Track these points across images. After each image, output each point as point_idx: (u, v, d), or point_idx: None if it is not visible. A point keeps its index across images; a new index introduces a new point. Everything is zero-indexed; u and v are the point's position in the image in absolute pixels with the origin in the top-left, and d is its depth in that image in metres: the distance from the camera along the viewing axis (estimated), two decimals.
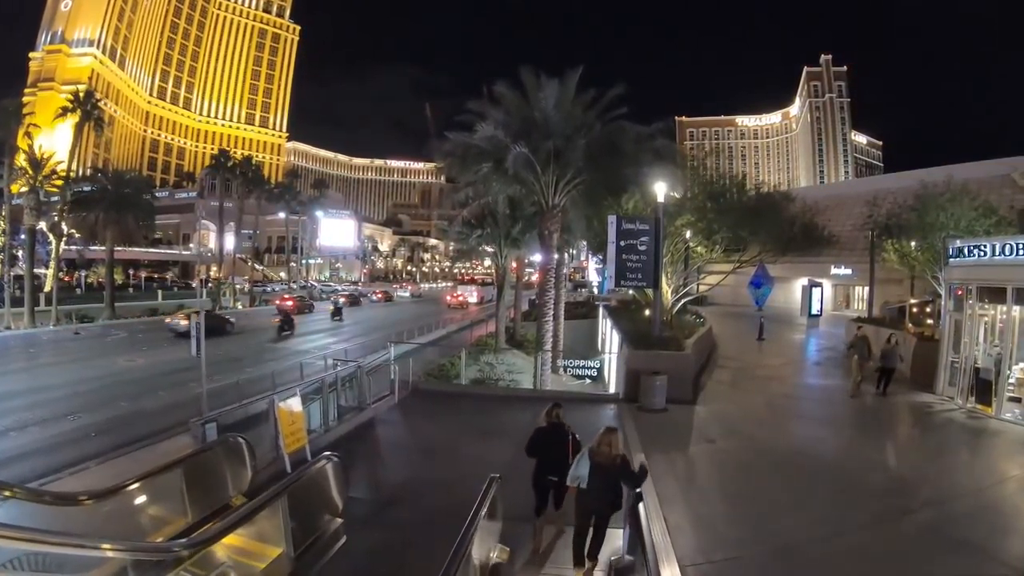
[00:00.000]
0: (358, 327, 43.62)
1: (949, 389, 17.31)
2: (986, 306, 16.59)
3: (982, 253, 16.52)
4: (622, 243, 16.99)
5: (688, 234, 25.30)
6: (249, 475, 8.55)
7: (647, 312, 22.90)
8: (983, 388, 15.74)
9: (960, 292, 17.10)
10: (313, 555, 6.92)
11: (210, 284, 64.22)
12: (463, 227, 29.54)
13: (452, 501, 7.05)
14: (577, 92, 20.21)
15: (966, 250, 17.22)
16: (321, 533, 7.30)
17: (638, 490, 6.88)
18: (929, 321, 23.23)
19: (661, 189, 17.12)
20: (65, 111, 51.45)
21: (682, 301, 28.03)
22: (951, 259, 17.92)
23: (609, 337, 22.67)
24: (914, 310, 26.29)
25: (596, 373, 17.96)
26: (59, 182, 46.21)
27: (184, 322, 36.27)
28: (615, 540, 7.44)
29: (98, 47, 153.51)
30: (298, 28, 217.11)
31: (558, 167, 19.19)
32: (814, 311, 39.75)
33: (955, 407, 16.16)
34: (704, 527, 8.30)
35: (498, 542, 6.88)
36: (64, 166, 47.21)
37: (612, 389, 17.58)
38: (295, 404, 10.56)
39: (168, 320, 39.43)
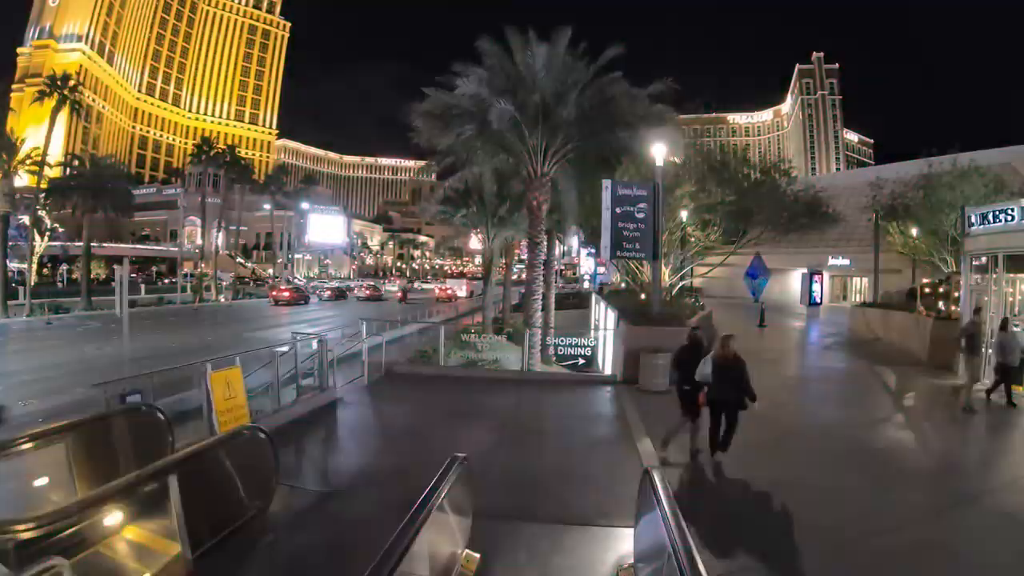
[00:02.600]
0: (341, 318, 42.37)
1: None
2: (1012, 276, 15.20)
3: (1009, 218, 15.06)
4: (617, 210, 15.46)
5: (684, 216, 23.98)
6: (166, 455, 6.90)
7: (643, 296, 21.53)
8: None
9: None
10: (220, 557, 5.29)
11: (192, 279, 63.30)
12: (446, 205, 27.72)
13: (412, 492, 5.38)
14: (568, 54, 18.61)
15: (991, 216, 15.75)
16: (236, 529, 5.70)
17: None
18: (941, 304, 21.89)
19: (660, 152, 15.67)
20: (42, 95, 49.78)
21: (679, 285, 26.74)
22: (972, 228, 16.51)
23: (603, 319, 21.20)
24: (926, 291, 24.92)
25: (590, 352, 16.38)
26: (35, 167, 44.80)
27: (366, 292, 64.03)
28: (622, 543, 5.91)
29: (86, 42, 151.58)
30: (288, 25, 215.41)
31: (547, 129, 17.53)
32: (815, 299, 38.54)
33: (980, 388, 14.73)
34: (733, 523, 6.81)
35: (466, 546, 5.28)
36: (42, 152, 45.60)
37: (608, 371, 16.07)
38: (235, 375, 8.97)
39: (355, 292, 66.87)
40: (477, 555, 5.23)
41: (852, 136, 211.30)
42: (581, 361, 16.11)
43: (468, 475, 5.31)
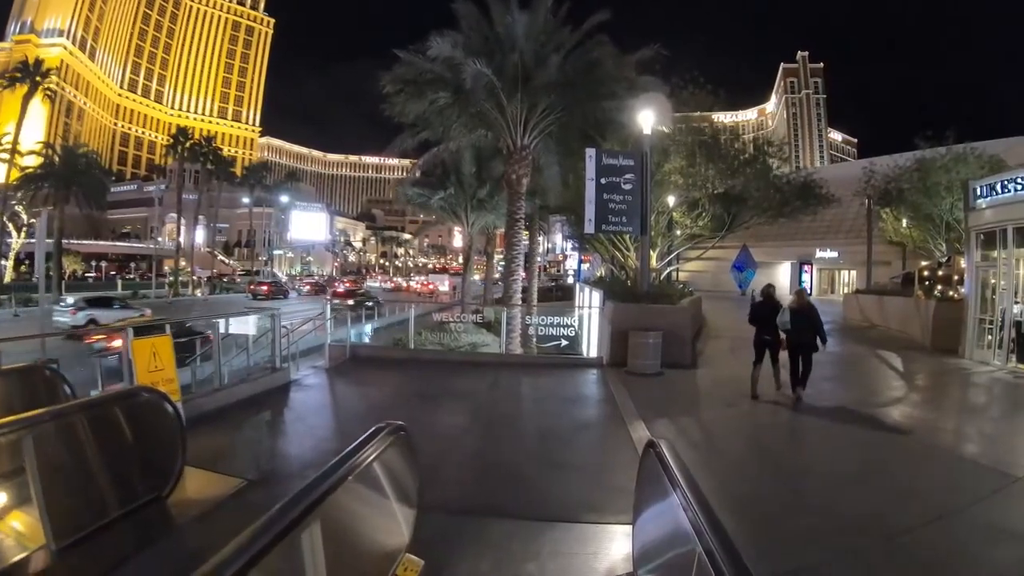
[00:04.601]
0: (319, 310, 41.34)
1: (978, 351, 14.99)
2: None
3: (1019, 186, 14.10)
4: (602, 181, 14.27)
5: (672, 201, 22.99)
6: None
7: (629, 284, 20.46)
8: None
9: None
10: (94, 550, 4.03)
11: (169, 276, 62.73)
12: (422, 187, 26.39)
13: None
14: (551, 12, 17.45)
15: (999, 186, 14.80)
16: (122, 517, 4.47)
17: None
18: (940, 287, 21.07)
19: (647, 120, 14.58)
20: (13, 81, 48.39)
21: (666, 271, 25.76)
22: (978, 200, 15.58)
23: (588, 301, 20.08)
24: (925, 274, 24.16)
25: (573, 333, 15.15)
26: (5, 156, 43.59)
27: (392, 284, 67.00)
28: (615, 544, 4.76)
29: (68, 37, 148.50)
30: (272, 21, 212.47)
31: (527, 95, 16.35)
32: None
33: (993, 368, 13.80)
34: (753, 517, 5.40)
35: (408, 548, 3.73)
36: (13, 139, 44.37)
37: (593, 353, 14.90)
38: (163, 344, 7.74)
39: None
40: (420, 561, 3.82)
41: (836, 135, 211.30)
42: (563, 342, 14.85)
43: (408, 452, 3.89)
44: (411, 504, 3.91)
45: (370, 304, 31.70)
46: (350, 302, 31.29)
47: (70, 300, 33.34)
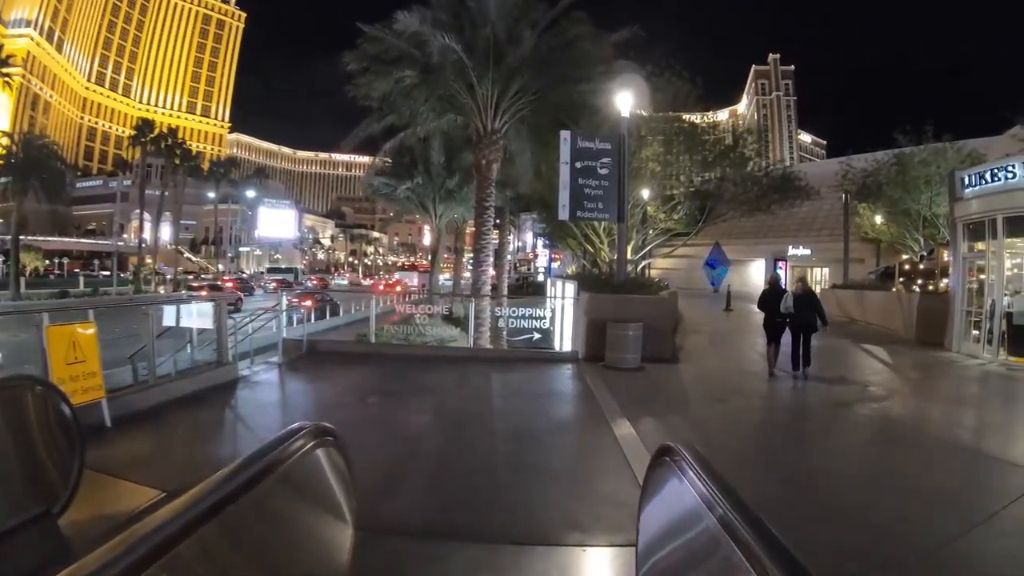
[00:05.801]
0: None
1: (966, 344, 14.54)
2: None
3: (1009, 175, 13.64)
4: (578, 165, 13.43)
5: (646, 194, 22.32)
6: None
7: (603, 278, 19.75)
8: (1018, 337, 12.90)
9: None
10: None
11: (131, 272, 61.37)
12: (388, 178, 25.24)
13: None
14: None
15: (988, 175, 14.34)
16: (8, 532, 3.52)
17: None
18: (920, 281, 20.75)
19: (625, 103, 13.85)
20: None
21: (641, 264, 25.12)
22: (965, 190, 15.11)
23: (561, 292, 19.33)
24: (906, 267, 23.87)
25: (547, 325, 14.29)
26: None
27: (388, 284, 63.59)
28: (610, 571, 3.94)
29: (35, 28, 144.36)
30: (243, 15, 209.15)
31: (499, 75, 15.48)
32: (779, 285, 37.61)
33: (983, 361, 13.33)
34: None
35: None
36: None
37: (567, 347, 14.07)
38: (84, 333, 6.77)
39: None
40: None
41: (806, 137, 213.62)
42: (536, 336, 14.02)
43: (338, 461, 2.85)
44: (345, 526, 2.96)
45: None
46: (398, 289, 44.75)
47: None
